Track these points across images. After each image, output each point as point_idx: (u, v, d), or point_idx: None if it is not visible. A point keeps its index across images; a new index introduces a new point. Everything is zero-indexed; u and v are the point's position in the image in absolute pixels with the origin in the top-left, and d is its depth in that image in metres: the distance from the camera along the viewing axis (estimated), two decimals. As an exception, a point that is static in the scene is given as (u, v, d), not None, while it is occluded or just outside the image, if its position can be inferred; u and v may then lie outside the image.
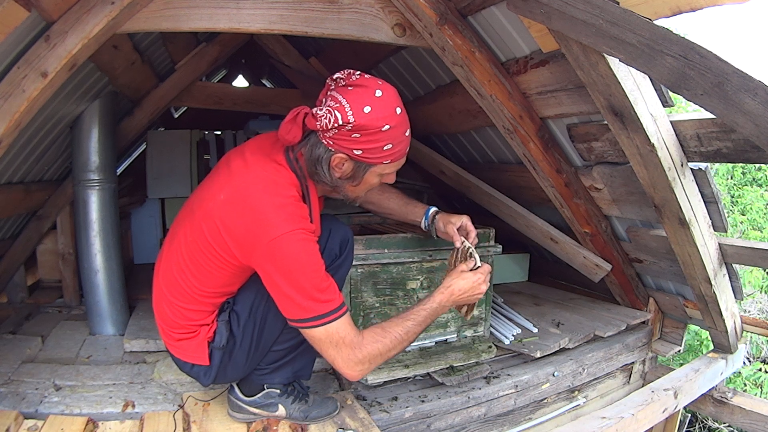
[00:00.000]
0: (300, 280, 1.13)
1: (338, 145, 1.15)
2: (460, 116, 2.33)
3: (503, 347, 1.93)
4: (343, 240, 1.41)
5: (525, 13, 1.46)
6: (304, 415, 1.44)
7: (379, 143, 1.15)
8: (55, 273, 2.42)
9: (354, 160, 1.18)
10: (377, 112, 1.11)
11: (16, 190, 1.95)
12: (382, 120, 1.12)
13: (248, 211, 1.13)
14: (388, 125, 1.13)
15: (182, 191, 3.18)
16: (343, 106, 1.10)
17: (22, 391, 1.54)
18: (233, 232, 1.15)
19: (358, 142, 1.14)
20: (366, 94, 1.11)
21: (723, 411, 2.13)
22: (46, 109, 1.63)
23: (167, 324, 1.31)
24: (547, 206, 2.23)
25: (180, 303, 1.26)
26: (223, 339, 1.29)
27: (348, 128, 1.11)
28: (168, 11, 1.53)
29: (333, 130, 1.12)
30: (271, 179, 1.17)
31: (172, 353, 1.35)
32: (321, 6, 1.66)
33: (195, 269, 1.23)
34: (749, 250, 1.70)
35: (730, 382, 4.10)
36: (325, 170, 1.19)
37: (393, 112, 1.14)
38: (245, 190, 1.15)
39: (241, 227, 1.14)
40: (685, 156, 1.55)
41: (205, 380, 1.34)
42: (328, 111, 1.11)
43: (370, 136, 1.13)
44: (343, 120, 1.09)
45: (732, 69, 1.07)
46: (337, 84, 1.15)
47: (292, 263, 1.12)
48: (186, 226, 1.25)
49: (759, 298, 4.77)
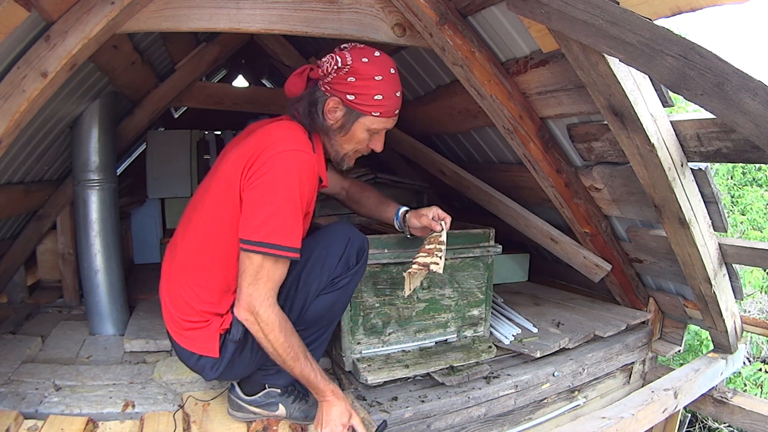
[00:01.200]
0: (281, 200, 1.17)
1: (334, 89, 1.28)
2: (460, 116, 2.33)
3: (503, 347, 1.93)
4: (360, 249, 1.43)
5: (525, 13, 1.46)
6: (305, 415, 1.44)
7: (371, 90, 1.27)
8: (55, 273, 2.42)
9: (346, 105, 1.30)
10: (373, 64, 1.27)
11: (16, 190, 1.95)
12: (376, 70, 1.27)
13: (259, 137, 1.25)
14: (381, 76, 1.27)
15: (182, 191, 3.18)
16: (344, 54, 1.26)
17: (22, 391, 1.54)
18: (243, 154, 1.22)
19: (352, 86, 1.26)
20: (366, 51, 1.28)
21: (723, 411, 2.13)
22: (46, 109, 1.63)
23: (179, 310, 1.30)
24: (547, 206, 2.23)
25: (198, 282, 1.27)
26: (240, 332, 1.28)
27: (345, 71, 1.25)
28: (168, 11, 1.53)
29: (332, 74, 1.26)
30: (284, 125, 1.30)
31: (178, 343, 1.33)
32: (321, 6, 1.66)
33: (214, 241, 1.26)
34: (749, 250, 1.70)
35: (730, 382, 4.10)
36: (319, 113, 1.30)
37: (387, 70, 1.29)
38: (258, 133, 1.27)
39: (251, 147, 1.22)
40: (685, 156, 1.55)
41: (210, 374, 1.33)
42: (330, 57, 1.27)
43: (364, 81, 1.26)
44: (342, 63, 1.24)
45: (732, 69, 1.07)
46: (343, 50, 1.29)
47: (284, 179, 1.17)
48: (200, 206, 1.30)
49: (759, 298, 4.77)
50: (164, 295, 1.36)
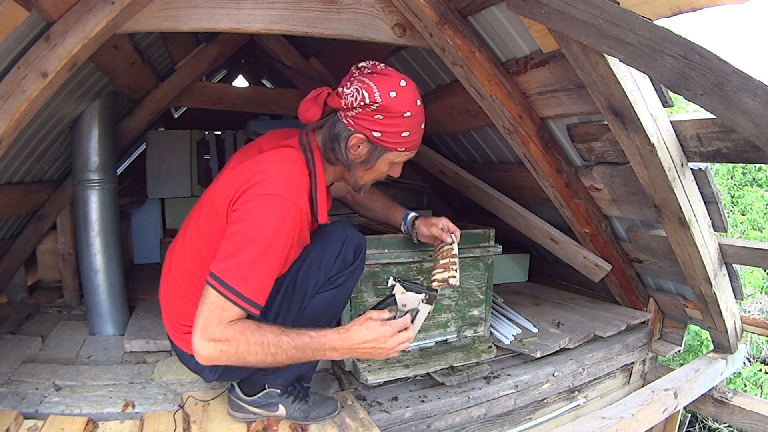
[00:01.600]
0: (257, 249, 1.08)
1: (359, 125, 1.20)
2: (460, 116, 2.33)
3: (503, 347, 1.93)
4: (357, 247, 1.42)
5: (525, 13, 1.46)
6: (305, 415, 1.44)
7: (398, 128, 1.21)
8: (55, 273, 2.42)
9: (371, 142, 1.23)
10: (401, 98, 1.18)
11: (16, 190, 1.95)
12: (405, 106, 1.19)
13: (253, 166, 1.18)
14: (409, 112, 1.20)
15: (182, 191, 3.18)
16: (371, 86, 1.16)
17: (22, 391, 1.54)
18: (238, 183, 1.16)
19: (379, 123, 1.19)
20: (392, 81, 1.19)
21: (723, 411, 2.13)
22: (46, 109, 1.63)
23: (177, 315, 1.31)
24: (547, 206, 2.23)
25: (192, 292, 1.26)
26: None
27: (373, 108, 1.17)
28: (168, 11, 1.53)
29: (357, 109, 1.18)
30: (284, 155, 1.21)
31: (177, 346, 1.34)
32: (321, 6, 1.66)
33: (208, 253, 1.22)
34: (749, 250, 1.70)
35: (730, 383, 4.09)
36: (342, 149, 1.24)
37: (415, 102, 1.22)
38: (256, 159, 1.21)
39: (243, 176, 1.16)
40: (685, 156, 1.55)
41: (209, 376, 1.34)
42: (356, 90, 1.17)
43: (393, 119, 1.19)
44: (370, 99, 1.16)
45: (732, 69, 1.07)
46: (362, 71, 1.22)
47: (264, 226, 1.09)
48: (199, 213, 1.29)
49: (759, 299, 4.77)
50: (163, 298, 1.37)
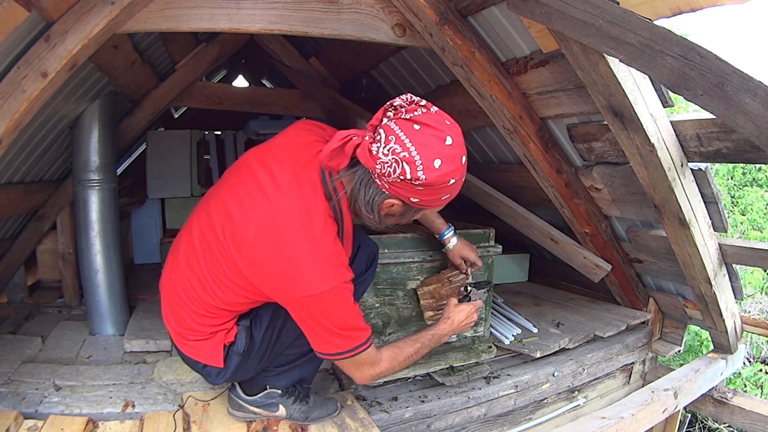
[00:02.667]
0: (333, 327, 1.15)
1: (395, 191, 1.06)
2: (460, 116, 2.33)
3: (503, 347, 1.93)
4: (370, 255, 1.45)
5: (525, 13, 1.46)
6: (305, 416, 1.44)
7: (440, 194, 1.07)
8: (55, 273, 2.42)
9: (407, 205, 1.11)
10: (447, 166, 1.01)
11: (16, 190, 1.95)
12: (450, 175, 1.03)
13: (284, 256, 1.06)
14: (453, 179, 1.05)
15: (182, 191, 3.18)
16: (413, 158, 0.99)
17: (22, 391, 1.54)
18: (266, 271, 1.09)
19: (420, 193, 1.05)
20: (436, 141, 1.01)
21: (723, 411, 2.13)
22: (46, 109, 1.63)
23: (183, 328, 1.27)
24: (547, 206, 2.23)
25: (202, 312, 1.23)
26: (243, 345, 1.28)
27: (415, 183, 1.02)
28: (168, 11, 1.53)
29: (394, 178, 1.02)
30: (307, 215, 1.08)
31: (182, 351, 1.32)
32: (321, 6, 1.66)
33: (219, 289, 1.19)
34: (749, 250, 1.70)
35: (730, 383, 4.09)
36: (374, 213, 1.11)
37: (460, 163, 1.06)
38: (280, 231, 1.07)
39: (274, 269, 1.08)
40: (685, 156, 1.55)
41: (216, 380, 1.33)
42: (394, 161, 1.00)
43: (435, 189, 1.05)
44: (412, 176, 1.00)
45: (732, 69, 1.07)
46: (398, 114, 1.05)
47: (326, 315, 1.13)
48: (207, 237, 1.18)
49: (759, 299, 4.77)
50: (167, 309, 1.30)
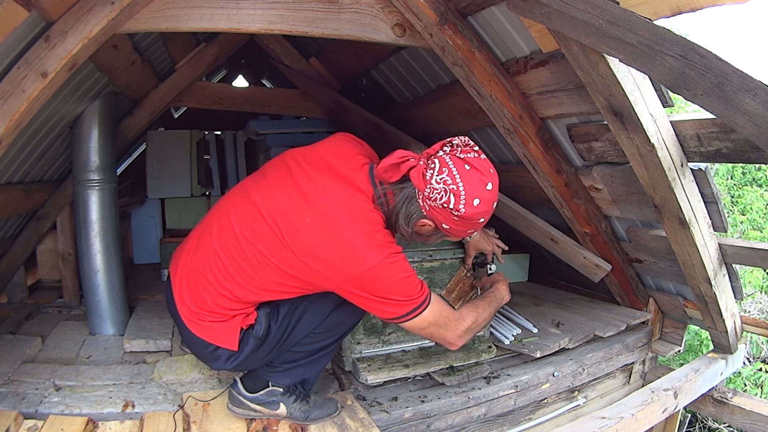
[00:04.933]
0: (392, 295, 1.22)
1: (432, 214, 1.21)
2: (460, 116, 2.33)
3: (503, 347, 1.93)
4: None
5: (525, 13, 1.46)
6: (305, 416, 1.44)
7: (467, 228, 1.24)
8: (55, 273, 2.42)
9: (437, 228, 1.26)
10: (482, 206, 1.18)
11: (16, 190, 1.95)
12: (482, 215, 1.20)
13: (339, 241, 1.17)
14: (483, 219, 1.23)
15: (182, 191, 3.18)
16: (459, 192, 1.15)
17: (22, 391, 1.54)
18: (321, 258, 1.18)
19: (453, 222, 1.21)
20: (480, 184, 1.17)
21: (723, 411, 2.13)
22: (46, 109, 1.63)
23: (201, 308, 1.27)
24: (547, 206, 2.23)
25: (227, 294, 1.25)
26: (262, 329, 1.31)
27: (453, 212, 1.17)
28: (168, 11, 1.53)
29: (437, 204, 1.18)
30: (353, 207, 1.21)
31: (192, 331, 1.30)
32: (321, 6, 1.66)
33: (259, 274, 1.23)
34: (749, 250, 1.70)
35: (730, 382, 4.10)
36: (410, 227, 1.26)
37: (491, 207, 1.22)
38: (333, 218, 1.18)
39: (330, 255, 1.17)
40: (685, 156, 1.55)
41: (225, 365, 1.32)
42: (444, 190, 1.16)
43: (467, 223, 1.21)
44: (454, 206, 1.16)
45: (732, 69, 1.07)
46: (454, 151, 1.19)
47: (384, 286, 1.20)
48: (252, 226, 1.23)
49: (759, 298, 4.78)
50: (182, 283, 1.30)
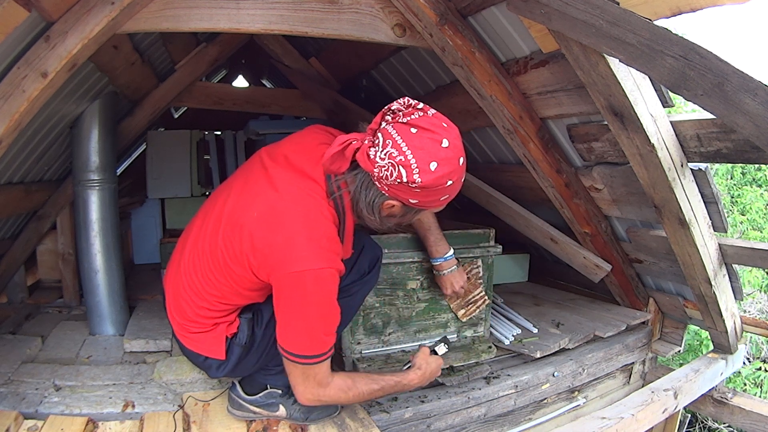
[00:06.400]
0: (310, 319, 1.13)
1: (394, 193, 1.09)
2: (460, 116, 2.33)
3: (503, 347, 1.93)
4: (372, 258, 1.45)
5: (525, 14, 1.46)
6: (305, 416, 1.44)
7: (438, 195, 1.10)
8: (55, 273, 2.41)
9: (406, 206, 1.14)
10: (443, 168, 1.03)
11: (16, 190, 1.95)
12: (447, 177, 1.05)
13: (280, 234, 1.10)
14: (451, 181, 1.07)
15: (182, 191, 3.18)
16: (408, 162, 1.01)
17: (22, 391, 1.54)
18: (260, 249, 1.12)
19: (417, 195, 1.08)
20: (432, 144, 1.02)
21: (723, 411, 2.13)
22: (46, 109, 1.63)
23: (184, 319, 1.30)
24: (547, 206, 2.23)
25: (204, 304, 1.26)
26: (245, 337, 1.30)
27: (412, 186, 1.04)
28: (168, 11, 1.53)
29: (392, 181, 1.05)
30: (310, 206, 1.13)
31: (183, 344, 1.34)
32: (321, 6, 1.66)
33: (223, 279, 1.21)
34: (749, 250, 1.70)
35: (730, 382, 4.10)
36: (375, 214, 1.15)
37: (457, 165, 1.07)
38: (281, 213, 1.11)
39: (268, 246, 1.11)
40: (685, 156, 1.55)
41: (216, 373, 1.34)
42: (391, 165, 1.03)
43: (432, 191, 1.07)
44: (408, 179, 1.03)
45: (732, 69, 1.07)
46: (396, 117, 1.06)
47: (309, 301, 1.11)
48: (213, 228, 1.22)
49: (759, 298, 4.78)
50: (170, 297, 1.33)
